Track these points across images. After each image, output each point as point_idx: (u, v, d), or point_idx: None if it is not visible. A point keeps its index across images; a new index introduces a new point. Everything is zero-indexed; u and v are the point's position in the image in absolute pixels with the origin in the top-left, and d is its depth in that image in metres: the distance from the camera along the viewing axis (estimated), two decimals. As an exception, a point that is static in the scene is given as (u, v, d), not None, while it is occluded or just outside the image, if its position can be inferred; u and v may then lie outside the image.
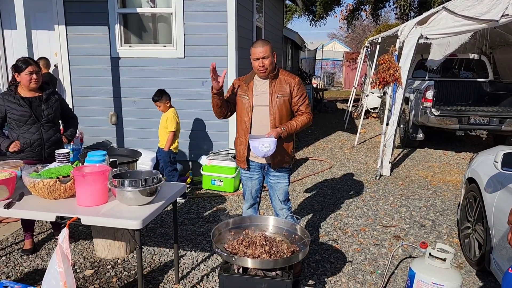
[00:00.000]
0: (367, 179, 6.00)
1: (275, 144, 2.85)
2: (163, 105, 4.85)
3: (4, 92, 3.44)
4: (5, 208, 2.52)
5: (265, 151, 2.83)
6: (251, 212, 3.32)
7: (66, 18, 5.67)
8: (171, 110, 4.87)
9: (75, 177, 2.57)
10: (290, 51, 13.43)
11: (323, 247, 3.80)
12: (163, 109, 4.87)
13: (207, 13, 5.36)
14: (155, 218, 4.35)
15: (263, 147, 2.83)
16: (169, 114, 4.83)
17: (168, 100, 4.88)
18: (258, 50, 2.96)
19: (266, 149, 2.82)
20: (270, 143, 2.84)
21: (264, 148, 2.82)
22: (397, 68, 5.82)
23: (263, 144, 2.84)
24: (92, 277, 3.26)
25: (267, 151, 2.84)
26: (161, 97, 4.83)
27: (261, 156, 2.90)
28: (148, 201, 2.61)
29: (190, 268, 3.40)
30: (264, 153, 2.84)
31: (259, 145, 2.84)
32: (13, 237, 3.96)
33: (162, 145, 4.86)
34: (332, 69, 31.83)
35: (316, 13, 17.97)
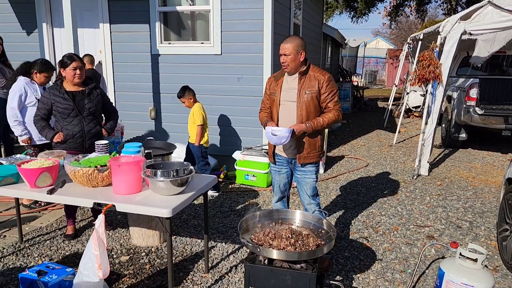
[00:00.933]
0: (403, 178, 5.88)
1: (287, 133, 2.89)
2: (187, 101, 4.97)
3: (50, 86, 3.67)
4: (48, 194, 2.71)
5: (275, 138, 2.91)
6: (280, 205, 3.37)
7: (111, 16, 5.94)
8: (196, 105, 4.98)
9: (112, 166, 2.71)
10: (330, 48, 13.30)
11: (353, 244, 3.77)
12: (188, 105, 4.99)
13: (244, 10, 5.43)
14: (188, 209, 4.52)
15: (274, 134, 2.91)
16: (195, 109, 4.94)
17: (192, 95, 4.98)
18: (282, 47, 3.03)
19: (276, 136, 2.90)
20: (281, 131, 2.90)
21: (274, 135, 2.91)
22: (437, 65, 5.65)
23: (275, 131, 2.92)
24: (127, 263, 3.42)
25: (278, 139, 2.91)
26: (184, 93, 4.95)
27: (273, 143, 2.99)
28: (178, 191, 2.71)
29: (220, 259, 3.49)
30: (274, 140, 2.93)
31: (270, 131, 2.93)
32: (57, 223, 4.21)
33: (193, 140, 4.98)
34: (374, 67, 31.18)
35: (358, 10, 17.65)
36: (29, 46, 6.34)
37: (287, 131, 2.92)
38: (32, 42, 6.33)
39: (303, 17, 7.76)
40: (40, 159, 2.99)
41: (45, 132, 3.60)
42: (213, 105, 5.76)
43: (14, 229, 3.98)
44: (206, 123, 5.08)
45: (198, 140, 4.95)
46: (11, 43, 6.08)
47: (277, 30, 5.75)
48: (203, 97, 5.73)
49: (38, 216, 4.39)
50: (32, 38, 6.32)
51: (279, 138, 2.92)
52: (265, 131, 3.00)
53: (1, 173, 2.82)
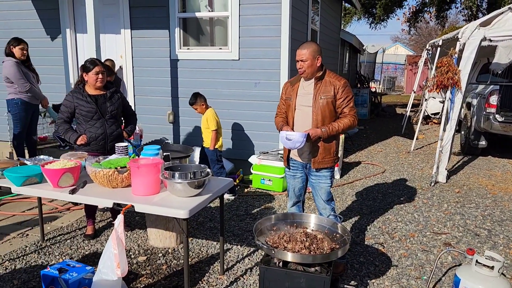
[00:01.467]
0: (421, 185, 5.82)
1: (301, 138, 2.92)
2: (199, 107, 5.05)
3: (73, 90, 3.78)
4: (70, 194, 2.79)
5: (289, 143, 2.96)
6: (295, 210, 3.39)
7: (132, 22, 6.08)
8: (209, 110, 5.06)
9: (131, 168, 2.79)
10: (348, 54, 13.26)
11: (369, 249, 3.77)
12: (200, 111, 5.07)
13: (262, 16, 5.50)
14: (205, 212, 4.58)
15: (289, 139, 2.95)
16: (208, 114, 5.02)
17: (203, 101, 5.06)
18: (298, 52, 3.07)
19: (290, 141, 2.95)
20: (296, 136, 2.94)
21: (289, 139, 2.95)
22: (456, 71, 5.60)
23: (289, 135, 2.96)
24: (145, 263, 3.49)
25: (293, 143, 2.95)
26: (196, 100, 5.04)
27: (287, 147, 3.03)
28: (196, 193, 2.76)
29: (235, 261, 3.53)
30: (289, 144, 2.97)
31: (285, 135, 2.98)
32: (77, 223, 4.32)
33: (207, 144, 5.06)
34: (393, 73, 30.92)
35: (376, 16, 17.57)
36: (53, 51, 6.53)
37: (301, 135, 2.95)
38: (56, 47, 6.52)
39: (320, 23, 7.79)
40: (63, 160, 3.09)
41: (69, 135, 3.70)
42: (230, 110, 5.83)
43: (36, 228, 4.10)
44: (220, 127, 5.15)
45: (213, 144, 5.02)
46: (36, 48, 6.28)
47: (295, 36, 5.80)
48: (220, 102, 5.82)
49: (59, 216, 4.51)
50: (56, 43, 6.52)
51: (293, 142, 2.96)
52: (280, 136, 3.04)
53: (25, 173, 2.92)
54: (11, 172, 2.93)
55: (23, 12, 6.53)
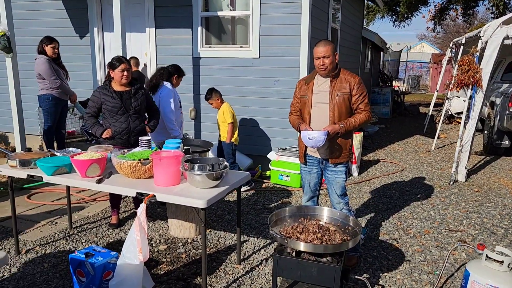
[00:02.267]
0: (439, 184, 5.82)
1: (323, 136, 3.00)
2: (215, 102, 5.21)
3: (100, 86, 3.98)
4: (97, 183, 2.98)
5: (311, 142, 3.03)
6: (310, 204, 3.49)
7: (156, 21, 6.28)
8: (224, 104, 5.22)
9: (153, 160, 2.95)
10: (370, 52, 13.19)
11: (383, 245, 3.84)
12: (216, 106, 5.23)
13: (282, 15, 5.60)
14: (223, 205, 4.73)
15: (310, 138, 3.03)
16: (224, 108, 5.18)
17: (218, 96, 5.21)
18: (319, 50, 3.12)
19: (313, 140, 3.02)
20: (317, 135, 3.01)
21: (311, 139, 3.02)
22: (477, 70, 5.57)
23: (311, 135, 3.03)
24: (165, 251, 3.66)
25: (315, 142, 3.03)
26: (211, 95, 5.20)
27: (309, 146, 3.10)
28: (214, 185, 2.90)
29: (252, 252, 3.66)
30: (311, 143, 3.04)
31: (307, 135, 3.05)
32: (103, 213, 4.53)
33: (224, 138, 5.23)
34: (418, 72, 30.43)
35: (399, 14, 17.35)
36: (81, 49, 6.80)
37: (323, 134, 3.02)
38: (84, 45, 6.78)
39: (341, 21, 7.82)
40: (90, 152, 3.29)
41: (95, 129, 3.91)
42: (250, 107, 5.96)
43: (64, 217, 4.33)
44: (236, 121, 5.30)
45: (229, 137, 5.17)
46: (65, 46, 6.55)
47: (314, 34, 5.87)
48: (241, 99, 5.96)
49: (86, 206, 4.74)
50: (84, 41, 6.78)
51: (315, 141, 3.03)
52: (302, 136, 3.11)
53: (56, 163, 3.12)
54: (43, 162, 3.14)
55: (54, 12, 6.81)
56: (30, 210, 4.57)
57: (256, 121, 6.02)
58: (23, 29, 6.82)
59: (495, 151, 7.61)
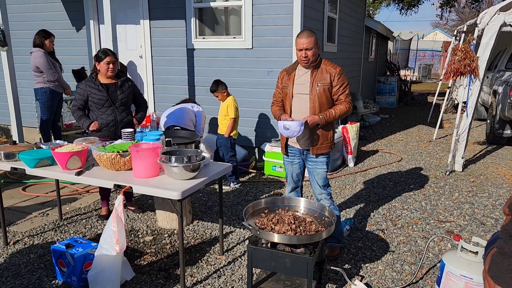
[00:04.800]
0: (435, 174, 5.76)
1: (299, 126, 2.99)
2: (220, 95, 5.12)
3: (86, 79, 4.01)
4: (76, 175, 3.01)
5: (287, 132, 3.02)
6: (293, 195, 3.48)
7: (150, 13, 6.28)
8: (230, 98, 5.13)
9: (132, 152, 2.97)
10: (374, 41, 12.99)
11: (368, 235, 3.82)
12: (221, 98, 5.13)
13: (274, 5, 5.54)
14: (215, 197, 4.74)
15: (287, 128, 3.01)
16: (229, 102, 5.09)
17: (224, 89, 5.11)
18: (302, 41, 3.08)
19: (289, 130, 3.00)
20: (293, 125, 3.00)
21: (287, 128, 3.01)
22: (473, 58, 5.47)
23: (287, 125, 3.02)
24: (151, 242, 3.69)
25: (291, 132, 3.01)
26: (217, 87, 5.09)
27: (285, 136, 3.09)
28: (191, 176, 2.91)
29: (236, 243, 3.68)
30: (287, 133, 3.03)
31: (282, 125, 3.04)
32: (94, 204, 4.59)
33: (222, 131, 5.16)
34: (430, 60, 29.96)
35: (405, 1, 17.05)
36: (78, 42, 6.84)
37: (299, 124, 3.01)
38: (81, 38, 6.81)
39: (340, 10, 7.72)
40: (72, 144, 3.32)
41: (82, 121, 3.94)
42: (244, 98, 5.94)
43: (56, 208, 4.39)
44: (238, 115, 5.23)
45: (228, 132, 5.11)
46: (62, 39, 6.60)
47: (308, 24, 5.81)
48: (234, 90, 5.92)
49: (79, 198, 4.80)
50: (81, 34, 6.81)
51: (291, 131, 3.02)
52: (278, 125, 3.11)
53: (38, 156, 3.16)
54: (26, 154, 3.18)
55: (49, 5, 6.85)
56: (23, 202, 4.65)
57: (250, 112, 6.00)
58: (18, 22, 6.86)
59: (497, 140, 7.50)
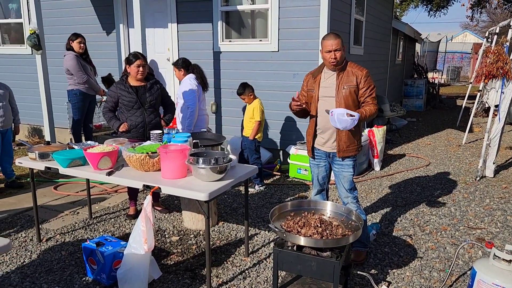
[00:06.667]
0: (465, 179, 5.62)
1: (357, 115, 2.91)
2: (247, 97, 5.15)
3: (117, 82, 4.11)
4: (107, 175, 3.09)
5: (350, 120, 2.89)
6: (319, 198, 3.47)
7: (178, 17, 6.38)
8: (256, 101, 5.15)
9: (160, 153, 3.03)
10: (402, 43, 12.79)
11: (396, 241, 3.76)
12: (248, 101, 5.16)
13: (301, 7, 5.55)
14: (240, 199, 4.77)
15: (351, 115, 2.91)
16: (255, 105, 5.11)
17: (251, 91, 5.14)
18: (330, 43, 3.07)
19: (351, 118, 2.89)
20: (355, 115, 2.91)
21: (351, 116, 2.90)
22: (507, 61, 5.32)
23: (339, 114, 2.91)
24: (177, 242, 3.75)
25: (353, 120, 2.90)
26: (244, 90, 5.12)
27: (342, 126, 2.94)
28: (218, 178, 2.94)
29: (261, 245, 3.69)
30: (349, 123, 2.91)
31: (344, 112, 2.91)
32: (122, 204, 4.69)
33: (247, 134, 5.18)
34: (459, 63, 29.26)
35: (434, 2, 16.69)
36: (107, 45, 7.01)
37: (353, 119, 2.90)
38: (111, 41, 6.99)
39: (367, 13, 7.64)
40: (104, 145, 3.41)
41: (112, 122, 4.04)
42: (269, 100, 5.95)
43: (86, 207, 4.51)
44: (264, 118, 5.25)
45: (253, 134, 5.13)
46: (92, 42, 6.77)
47: (335, 26, 5.78)
48: (260, 93, 5.94)
49: (108, 197, 4.92)
50: (111, 38, 6.98)
51: (354, 120, 2.90)
52: (337, 113, 2.92)
53: (70, 156, 3.26)
54: (59, 154, 3.28)
55: (82, 10, 7.05)
56: (55, 200, 4.80)
57: (276, 114, 6.01)
58: (53, 27, 7.09)
59: (531, 145, 7.25)
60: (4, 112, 4.92)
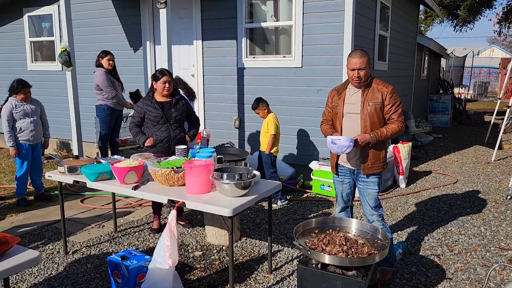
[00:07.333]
0: (495, 198, 5.44)
1: (347, 142, 2.94)
2: (261, 112, 5.21)
3: (144, 97, 4.20)
4: (133, 189, 3.14)
5: (335, 147, 2.99)
6: (343, 215, 3.42)
7: (203, 34, 6.50)
8: (270, 115, 5.20)
9: (185, 168, 3.06)
10: (427, 59, 12.64)
11: (423, 260, 3.66)
12: (263, 115, 5.22)
13: (325, 24, 5.57)
14: (262, 214, 4.75)
15: (334, 143, 2.98)
16: (269, 119, 5.16)
17: (265, 106, 5.20)
18: (355, 61, 3.06)
19: (336, 145, 2.97)
20: (342, 140, 2.96)
21: (334, 143, 2.98)
22: (537, 76, 5.17)
23: (334, 140, 2.99)
24: (200, 258, 3.75)
25: (339, 148, 2.98)
26: (258, 105, 5.20)
27: (334, 151, 3.07)
28: (242, 194, 2.95)
29: (284, 262, 3.65)
30: (335, 148, 3.00)
31: (330, 140, 3.01)
32: (146, 218, 4.74)
33: (264, 148, 5.20)
34: (486, 78, 28.68)
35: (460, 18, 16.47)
36: (135, 61, 7.19)
37: (348, 139, 2.97)
38: (138, 58, 7.16)
39: (391, 28, 7.61)
40: (130, 160, 3.47)
41: (138, 137, 4.12)
42: (293, 116, 5.97)
43: (111, 220, 4.58)
44: (279, 132, 5.28)
45: (268, 148, 5.16)
46: (120, 59, 6.94)
47: (359, 42, 5.77)
48: (283, 108, 5.99)
49: (132, 211, 4.98)
50: (138, 54, 7.16)
51: (339, 146, 2.99)
52: (327, 141, 3.09)
53: (98, 170, 3.33)
54: (87, 169, 3.36)
55: (110, 28, 7.28)
56: (82, 213, 4.89)
57: (299, 130, 6.01)
58: (82, 44, 7.33)
59: None
60: (35, 126, 5.09)
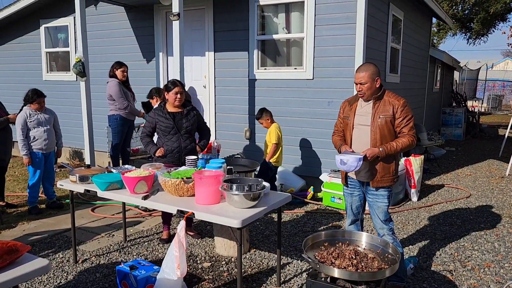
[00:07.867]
0: (509, 213, 5.34)
1: (356, 162, 2.93)
2: (265, 122, 5.35)
3: (156, 108, 4.24)
4: (143, 199, 3.15)
5: (344, 167, 2.98)
6: (353, 228, 3.39)
7: (215, 45, 6.56)
8: (273, 125, 5.33)
9: (195, 179, 3.06)
10: (439, 71, 12.56)
11: (434, 276, 3.59)
12: (266, 125, 5.38)
13: (336, 36, 5.59)
14: (272, 226, 4.73)
15: (343, 163, 2.97)
16: (272, 129, 5.30)
17: (269, 116, 5.35)
18: (356, 75, 3.12)
19: (346, 165, 2.96)
20: (351, 160, 2.94)
21: (343, 163, 2.97)
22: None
23: (343, 160, 2.97)
24: (208, 269, 3.73)
25: (347, 167, 2.97)
26: (261, 115, 5.36)
27: (343, 170, 3.08)
28: (251, 205, 2.94)
29: (293, 275, 3.61)
30: (344, 168, 3.00)
31: (339, 160, 3.00)
32: (156, 228, 4.75)
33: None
34: (500, 91, 28.38)
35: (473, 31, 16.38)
36: (148, 72, 7.28)
37: (356, 159, 2.95)
38: (150, 69, 7.25)
39: (403, 41, 7.59)
40: (140, 169, 3.49)
41: (149, 147, 4.15)
42: (303, 128, 5.96)
43: (121, 230, 4.59)
44: (281, 143, 5.36)
45: (269, 156, 5.31)
46: (134, 70, 7.04)
47: (371, 55, 5.77)
48: (294, 120, 6.00)
49: (142, 221, 4.99)
50: (150, 65, 7.25)
51: (348, 166, 2.98)
52: (335, 159, 3.07)
53: (108, 180, 3.36)
54: (98, 178, 3.38)
55: (124, 39, 7.40)
56: (92, 222, 4.92)
57: (309, 142, 6.00)
58: (96, 55, 7.45)
59: None
60: (48, 135, 5.16)
